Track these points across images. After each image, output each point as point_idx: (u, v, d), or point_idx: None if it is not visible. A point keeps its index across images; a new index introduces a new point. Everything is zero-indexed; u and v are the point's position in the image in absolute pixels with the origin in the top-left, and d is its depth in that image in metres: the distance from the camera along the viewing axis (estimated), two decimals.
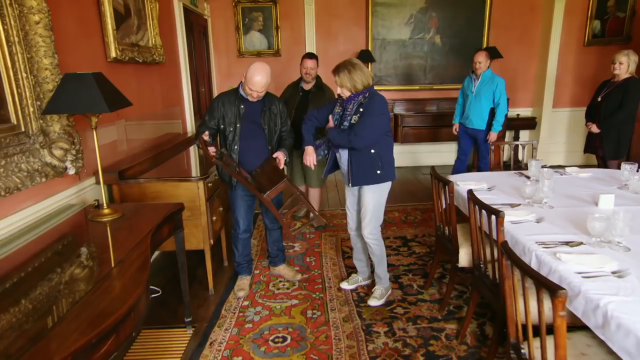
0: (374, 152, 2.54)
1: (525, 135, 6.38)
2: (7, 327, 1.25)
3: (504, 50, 5.86)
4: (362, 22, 6.04)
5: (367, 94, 2.51)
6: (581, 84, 6.11)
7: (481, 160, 4.53)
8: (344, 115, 2.57)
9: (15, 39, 2.06)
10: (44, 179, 2.21)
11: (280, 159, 2.74)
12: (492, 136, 4.30)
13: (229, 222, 3.29)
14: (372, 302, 2.79)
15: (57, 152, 2.29)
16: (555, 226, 2.15)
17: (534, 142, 3.66)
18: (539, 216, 2.27)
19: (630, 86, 3.74)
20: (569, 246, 1.91)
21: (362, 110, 2.49)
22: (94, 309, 1.36)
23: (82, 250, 1.91)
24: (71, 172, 2.38)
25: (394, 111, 6.15)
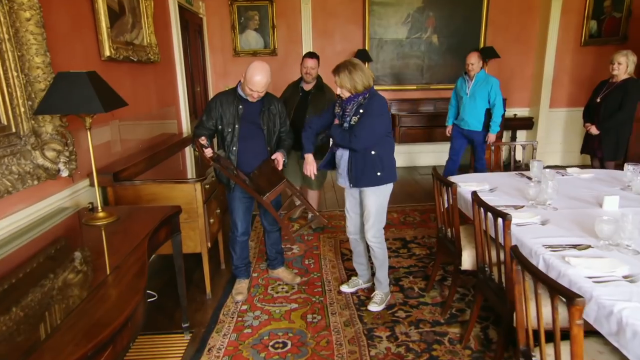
0: (374, 153, 2.49)
1: (522, 135, 6.37)
2: None
3: (501, 50, 5.86)
4: (358, 21, 5.99)
5: (367, 95, 2.47)
6: (578, 84, 6.11)
7: (477, 161, 4.50)
8: (344, 116, 2.52)
9: (5, 36, 1.98)
10: (35, 182, 2.14)
11: (279, 160, 2.69)
12: (491, 137, 4.28)
13: (226, 224, 3.22)
14: (372, 308, 2.74)
15: (50, 154, 2.21)
16: (561, 228, 2.11)
17: (535, 142, 3.63)
18: (543, 218, 2.23)
19: (629, 87, 3.72)
20: (577, 249, 1.87)
21: (361, 111, 2.44)
22: (89, 319, 1.29)
23: (76, 255, 1.84)
24: (64, 174, 2.31)
25: (391, 111, 6.11)
